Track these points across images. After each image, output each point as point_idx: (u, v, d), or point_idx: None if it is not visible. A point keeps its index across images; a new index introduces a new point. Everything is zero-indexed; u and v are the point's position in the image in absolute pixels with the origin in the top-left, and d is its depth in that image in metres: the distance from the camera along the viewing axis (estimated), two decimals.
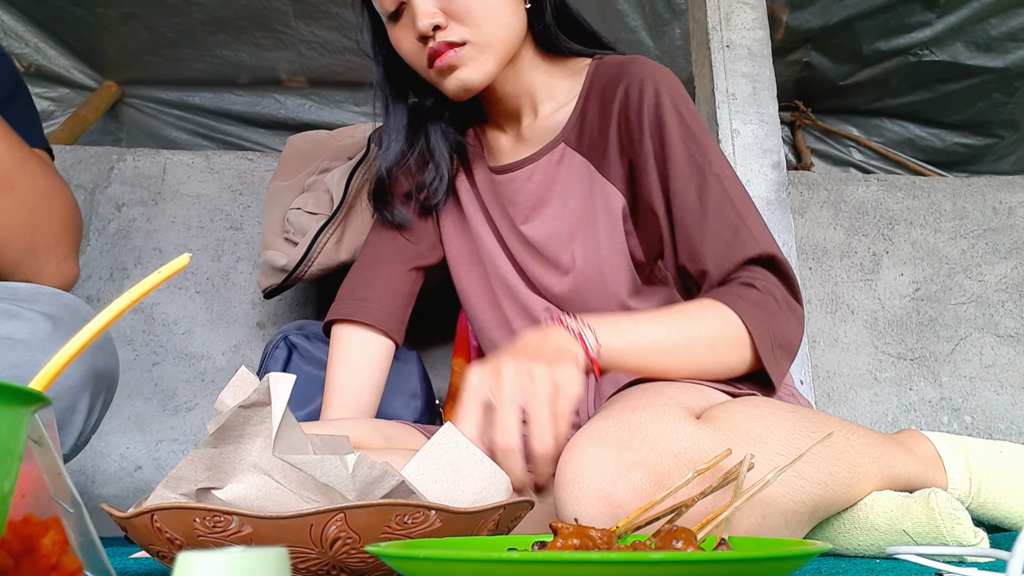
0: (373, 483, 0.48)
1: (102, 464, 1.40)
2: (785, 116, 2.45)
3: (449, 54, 0.85)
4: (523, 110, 0.97)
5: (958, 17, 2.13)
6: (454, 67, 0.86)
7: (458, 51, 0.85)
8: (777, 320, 0.76)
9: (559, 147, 0.94)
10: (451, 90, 0.88)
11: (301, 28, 2.10)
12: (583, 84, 0.95)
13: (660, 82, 0.87)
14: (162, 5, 2.03)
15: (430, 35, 0.85)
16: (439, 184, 1.01)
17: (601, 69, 0.94)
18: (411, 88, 1.00)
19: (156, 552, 0.49)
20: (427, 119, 1.01)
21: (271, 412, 0.49)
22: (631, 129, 0.88)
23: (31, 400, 0.31)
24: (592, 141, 0.92)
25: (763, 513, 0.63)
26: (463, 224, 1.04)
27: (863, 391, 1.59)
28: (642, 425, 0.62)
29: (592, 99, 0.93)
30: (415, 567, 0.34)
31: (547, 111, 0.97)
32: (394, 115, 1.00)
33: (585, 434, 0.63)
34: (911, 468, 0.77)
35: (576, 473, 0.60)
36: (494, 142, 1.02)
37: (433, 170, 1.02)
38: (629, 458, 0.59)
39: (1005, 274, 1.69)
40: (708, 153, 0.84)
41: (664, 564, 0.31)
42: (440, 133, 1.01)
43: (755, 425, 0.65)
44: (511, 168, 0.97)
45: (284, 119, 2.35)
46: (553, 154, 0.94)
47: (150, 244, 1.51)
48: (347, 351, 0.99)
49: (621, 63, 0.92)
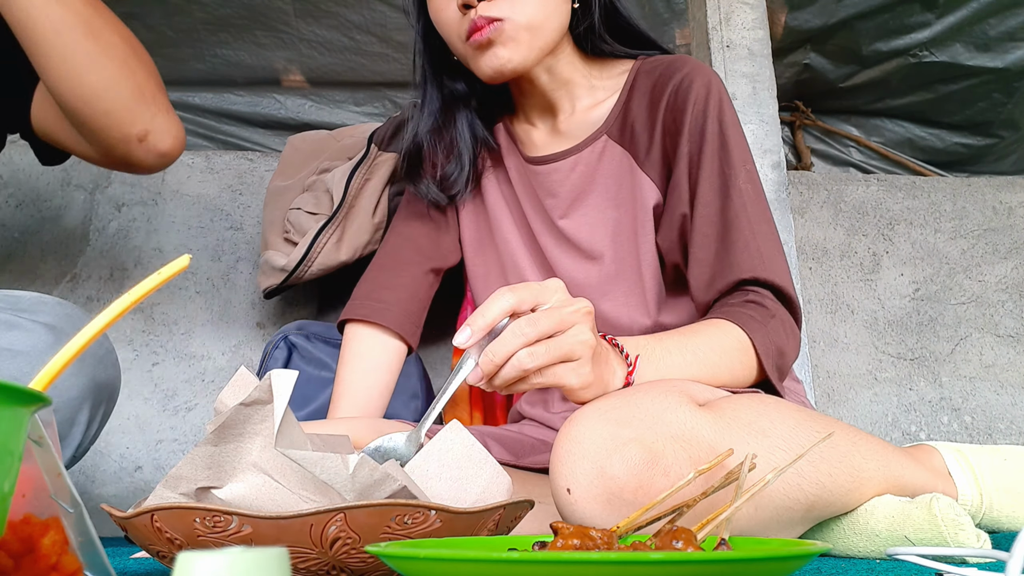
0: (374, 486, 0.48)
1: (102, 464, 1.40)
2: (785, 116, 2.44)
3: (488, 28, 0.83)
4: (559, 104, 0.96)
5: (958, 17, 2.13)
6: (492, 43, 0.84)
7: (497, 26, 0.84)
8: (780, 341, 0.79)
9: (601, 139, 0.94)
10: (485, 69, 0.87)
11: (301, 28, 2.10)
12: (627, 80, 0.95)
13: (711, 85, 0.87)
14: (162, 4, 2.03)
15: (473, 4, 0.83)
16: (459, 175, 1.00)
17: (647, 67, 0.94)
18: (444, 70, 0.98)
19: (156, 552, 0.49)
20: (455, 106, 1.00)
21: (272, 409, 0.49)
22: (676, 127, 0.88)
23: (31, 400, 0.31)
24: (635, 135, 0.92)
25: (756, 505, 0.63)
26: (484, 221, 1.03)
27: (863, 391, 1.59)
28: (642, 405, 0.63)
29: (637, 94, 0.93)
30: (415, 567, 0.34)
31: (585, 106, 0.96)
32: (429, 94, 0.99)
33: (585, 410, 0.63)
34: (920, 479, 0.77)
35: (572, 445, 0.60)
36: (525, 135, 1.01)
37: (456, 160, 1.00)
38: (626, 434, 0.60)
39: (1005, 274, 1.69)
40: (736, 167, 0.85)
41: (664, 564, 0.31)
42: (466, 123, 1.00)
43: (758, 418, 0.65)
44: (552, 159, 0.97)
45: (284, 119, 2.35)
46: (596, 146, 0.94)
47: (150, 244, 1.51)
48: (361, 352, 0.99)
49: (671, 61, 0.92)
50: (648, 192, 0.91)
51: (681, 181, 0.87)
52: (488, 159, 1.03)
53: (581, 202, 0.95)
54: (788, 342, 0.80)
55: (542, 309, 0.60)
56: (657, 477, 0.58)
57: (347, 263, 1.29)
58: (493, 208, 1.02)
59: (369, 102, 2.16)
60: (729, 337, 0.76)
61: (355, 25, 1.99)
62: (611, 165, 0.93)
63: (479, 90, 1.00)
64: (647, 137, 0.91)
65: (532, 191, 0.99)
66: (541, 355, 0.58)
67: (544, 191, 0.97)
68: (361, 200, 1.29)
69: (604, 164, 0.94)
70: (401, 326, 0.99)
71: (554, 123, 0.98)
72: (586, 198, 0.95)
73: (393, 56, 2.01)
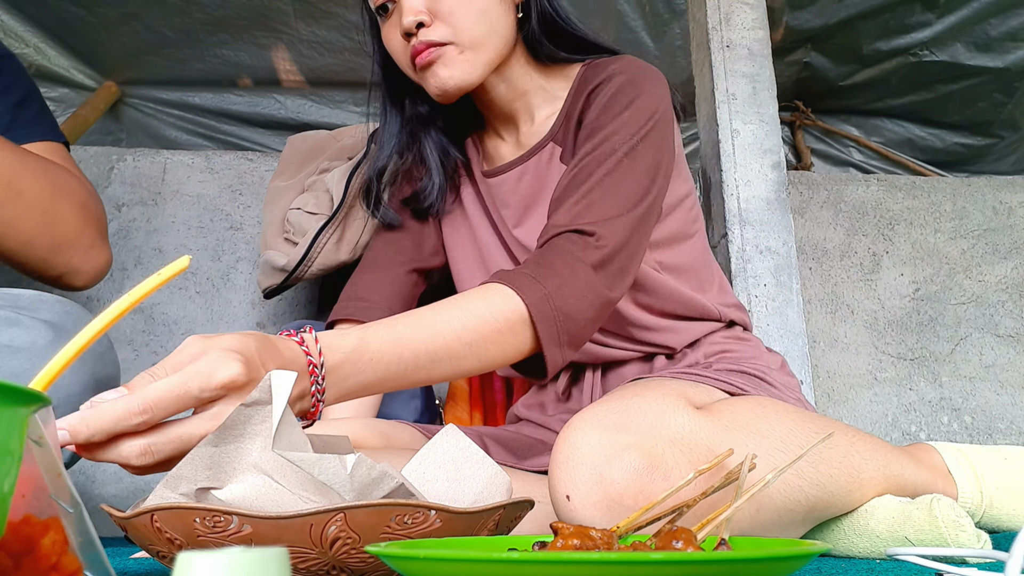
0: (372, 484, 0.48)
1: (102, 464, 1.40)
2: (785, 116, 2.45)
3: (429, 52, 0.85)
4: (519, 116, 0.97)
5: (958, 17, 2.13)
6: (432, 64, 0.86)
7: (439, 50, 0.85)
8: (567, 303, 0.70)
9: (548, 147, 0.94)
10: (432, 90, 0.89)
11: (301, 28, 2.10)
12: (571, 85, 0.95)
13: (634, 79, 0.86)
14: (162, 5, 2.03)
15: (413, 32, 0.85)
16: (432, 190, 1.01)
17: (588, 71, 0.94)
18: (407, 94, 1.00)
19: (156, 552, 0.49)
20: (420, 127, 1.01)
21: (272, 410, 0.49)
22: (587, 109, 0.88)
23: (31, 400, 0.31)
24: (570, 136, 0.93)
25: (757, 507, 0.63)
26: (468, 230, 1.04)
27: (863, 391, 1.59)
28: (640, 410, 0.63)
29: (577, 98, 0.93)
30: (415, 567, 0.34)
31: (544, 116, 0.97)
32: (389, 118, 1.01)
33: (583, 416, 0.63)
34: (920, 478, 0.77)
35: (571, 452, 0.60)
36: (493, 149, 1.02)
37: (428, 176, 1.02)
38: (624, 440, 0.60)
39: (1005, 274, 1.69)
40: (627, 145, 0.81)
41: (664, 564, 0.31)
42: (432, 141, 1.01)
43: (756, 420, 0.65)
44: (501, 171, 0.98)
45: (284, 119, 2.35)
46: (542, 154, 0.94)
47: (150, 244, 1.51)
48: None
49: (608, 62, 0.92)
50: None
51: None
52: (463, 173, 1.05)
53: (531, 210, 0.95)
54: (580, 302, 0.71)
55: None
56: (657, 482, 0.58)
57: (347, 263, 1.29)
58: (472, 218, 1.03)
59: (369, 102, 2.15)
60: (495, 308, 0.67)
61: (355, 26, 1.99)
62: (559, 171, 0.93)
63: (443, 110, 1.01)
64: (574, 132, 0.92)
65: (493, 204, 1.00)
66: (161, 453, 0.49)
67: (499, 202, 0.99)
68: (361, 200, 1.29)
69: (552, 171, 0.94)
70: None
71: (517, 135, 0.99)
72: (535, 206, 0.95)
73: None
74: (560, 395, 0.99)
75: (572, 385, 1.00)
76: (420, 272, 1.05)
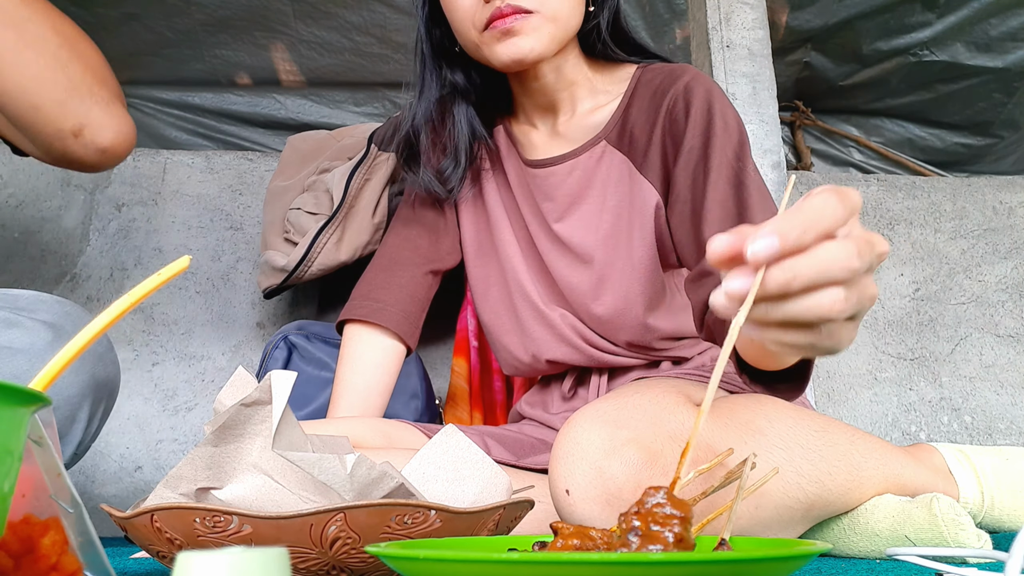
0: (372, 484, 0.48)
1: (102, 464, 1.40)
2: (785, 116, 2.45)
3: (515, 17, 0.84)
4: (561, 105, 0.97)
5: (958, 17, 2.13)
6: (515, 33, 0.84)
7: (526, 17, 0.84)
8: None
9: (600, 144, 0.94)
10: (502, 57, 0.86)
11: (301, 28, 2.10)
12: (628, 86, 0.95)
13: (712, 91, 0.87)
14: (162, 5, 2.03)
15: None
16: (454, 170, 0.99)
17: (648, 75, 0.94)
18: (444, 60, 0.98)
19: (156, 552, 0.49)
20: (454, 99, 0.99)
21: (272, 410, 0.49)
22: (676, 131, 0.87)
23: (31, 400, 0.31)
24: (633, 140, 0.92)
25: (756, 504, 0.63)
26: (484, 223, 1.03)
27: (863, 391, 1.59)
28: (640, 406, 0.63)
29: (638, 100, 0.93)
30: (415, 567, 0.34)
31: (586, 109, 0.96)
32: (428, 80, 0.98)
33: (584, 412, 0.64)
34: (921, 479, 0.77)
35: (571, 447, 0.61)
36: (524, 137, 1.01)
37: (452, 155, 0.99)
38: (623, 435, 0.60)
39: (1005, 274, 1.69)
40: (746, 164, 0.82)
41: (664, 564, 0.31)
42: (464, 117, 0.99)
43: (755, 417, 0.66)
44: (550, 163, 0.97)
45: (284, 119, 2.35)
46: (594, 151, 0.94)
47: (150, 244, 1.51)
48: (360, 353, 0.99)
49: (672, 68, 0.92)
50: (648, 195, 0.90)
51: (683, 177, 0.84)
52: (487, 160, 1.03)
53: (577, 206, 0.95)
54: None
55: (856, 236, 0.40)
56: (656, 477, 0.58)
57: (347, 263, 1.29)
58: (493, 211, 1.02)
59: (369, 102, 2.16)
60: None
61: (354, 26, 1.99)
62: (609, 170, 0.93)
63: (479, 86, 0.99)
64: (645, 142, 0.91)
65: (530, 194, 0.98)
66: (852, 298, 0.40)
67: (541, 194, 0.97)
68: (361, 200, 1.29)
69: (602, 169, 0.93)
70: (399, 326, 0.99)
71: (554, 124, 0.98)
72: (582, 202, 0.94)
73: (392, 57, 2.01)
74: (566, 394, 0.99)
75: (578, 385, 1.00)
76: (436, 273, 1.04)
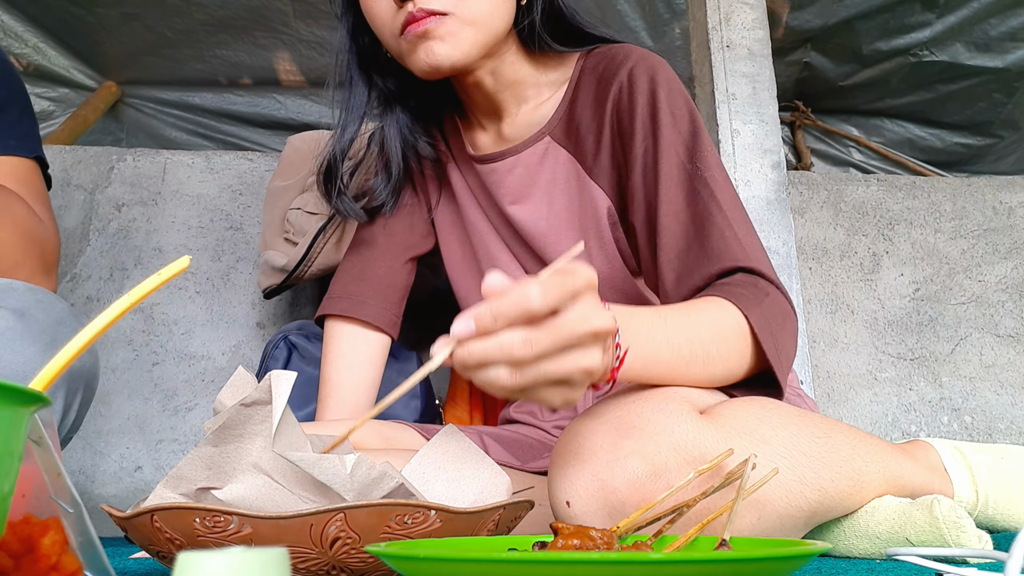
0: (372, 484, 0.48)
1: (102, 464, 1.40)
2: (785, 116, 2.45)
3: (428, 21, 0.77)
4: (506, 107, 0.91)
5: (958, 17, 2.13)
6: (431, 36, 0.78)
7: (439, 19, 0.78)
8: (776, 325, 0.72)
9: (543, 140, 0.89)
10: (420, 64, 0.80)
11: (301, 28, 2.10)
12: (571, 76, 0.89)
13: (656, 79, 0.82)
14: (162, 5, 2.03)
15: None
16: (383, 188, 0.96)
17: (592, 61, 0.88)
18: (374, 67, 0.93)
19: (156, 552, 0.49)
20: (387, 105, 0.94)
21: (272, 410, 0.49)
22: (623, 132, 0.83)
23: (31, 400, 0.31)
24: (581, 139, 0.88)
25: (758, 515, 0.62)
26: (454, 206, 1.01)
27: (863, 391, 1.59)
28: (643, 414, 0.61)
29: (583, 92, 0.88)
30: (415, 567, 0.34)
31: (531, 107, 0.91)
32: (355, 92, 0.92)
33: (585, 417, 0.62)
34: (919, 478, 0.76)
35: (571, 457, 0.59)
36: (474, 137, 0.97)
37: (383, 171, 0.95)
38: (627, 446, 0.58)
39: (1005, 274, 1.69)
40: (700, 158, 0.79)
41: (664, 564, 0.31)
42: (395, 126, 0.94)
43: (759, 425, 0.65)
44: (490, 159, 0.93)
45: (284, 119, 2.36)
46: (537, 147, 0.90)
47: (150, 244, 1.51)
48: (343, 350, 0.97)
49: (613, 55, 0.86)
50: (599, 201, 0.86)
51: (637, 185, 0.80)
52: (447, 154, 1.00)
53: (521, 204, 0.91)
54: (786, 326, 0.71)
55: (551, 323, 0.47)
56: (660, 491, 0.57)
57: None
58: (460, 196, 0.99)
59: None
60: (727, 317, 0.67)
61: None
62: (554, 169, 0.89)
63: (416, 88, 0.94)
64: (594, 142, 0.86)
65: (482, 187, 0.96)
66: (527, 376, 0.47)
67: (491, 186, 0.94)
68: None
69: (547, 168, 0.89)
70: (380, 319, 0.97)
71: (499, 126, 0.93)
72: (525, 201, 0.91)
73: None
74: None
75: None
76: (413, 259, 1.02)
